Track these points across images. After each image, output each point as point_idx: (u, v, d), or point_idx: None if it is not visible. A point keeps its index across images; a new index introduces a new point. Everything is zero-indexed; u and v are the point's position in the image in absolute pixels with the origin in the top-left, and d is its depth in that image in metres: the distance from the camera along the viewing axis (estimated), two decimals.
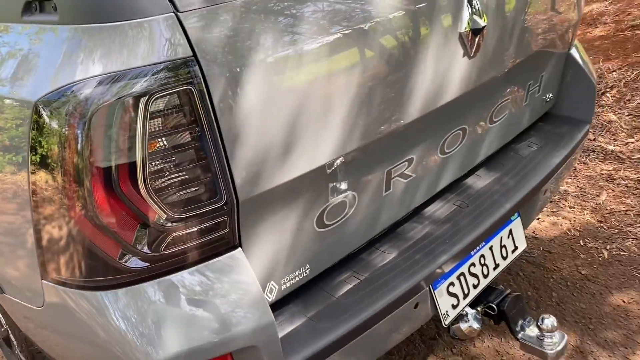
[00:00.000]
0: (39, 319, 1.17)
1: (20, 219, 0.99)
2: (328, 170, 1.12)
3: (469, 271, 1.49)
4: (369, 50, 1.08)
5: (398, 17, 1.12)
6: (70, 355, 1.20)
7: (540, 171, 1.65)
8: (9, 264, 1.11)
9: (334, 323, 1.17)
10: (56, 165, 0.88)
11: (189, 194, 0.93)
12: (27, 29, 0.96)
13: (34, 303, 1.11)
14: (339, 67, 1.04)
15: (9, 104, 0.93)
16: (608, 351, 1.86)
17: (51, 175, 0.89)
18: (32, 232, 0.97)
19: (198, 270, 0.99)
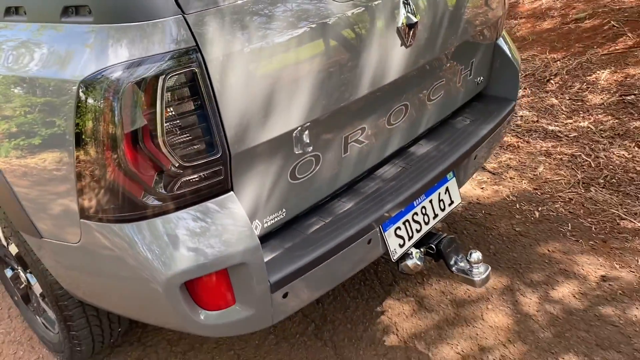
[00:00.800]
0: (73, 256, 1.48)
1: (64, 171, 1.31)
2: (298, 133, 1.46)
3: (412, 219, 1.86)
4: (329, 42, 1.43)
5: (350, 16, 1.47)
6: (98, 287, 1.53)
7: (471, 140, 2.02)
8: (51, 209, 1.43)
9: (305, 252, 1.52)
10: (96, 127, 1.21)
11: (194, 148, 1.26)
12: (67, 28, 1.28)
13: (71, 240, 1.43)
14: (305, 54, 1.38)
15: (58, 83, 1.25)
16: (532, 288, 2.25)
17: (92, 135, 1.22)
18: (74, 180, 1.29)
19: (202, 207, 1.32)
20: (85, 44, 1.23)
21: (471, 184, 3.05)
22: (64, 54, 1.26)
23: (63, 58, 1.25)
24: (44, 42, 1.32)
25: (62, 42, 1.28)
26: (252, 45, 1.28)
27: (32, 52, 1.34)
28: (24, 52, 1.35)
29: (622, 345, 1.95)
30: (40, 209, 1.46)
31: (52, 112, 1.27)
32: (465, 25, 1.91)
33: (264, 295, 1.44)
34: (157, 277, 1.30)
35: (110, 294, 1.54)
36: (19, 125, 1.36)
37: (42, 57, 1.31)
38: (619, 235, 2.53)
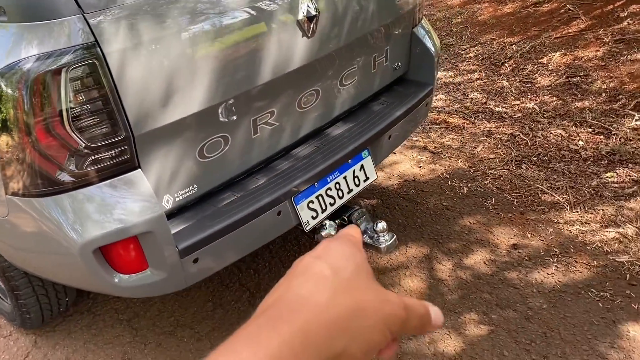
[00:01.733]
0: (4, 229, 1.68)
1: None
2: (202, 116, 1.65)
3: (326, 193, 2.06)
4: (226, 34, 1.61)
5: (249, 10, 1.65)
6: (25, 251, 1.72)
7: (384, 121, 2.21)
8: None
9: (214, 222, 1.72)
10: (12, 114, 1.39)
11: (99, 131, 1.45)
12: None
13: (2, 213, 1.62)
14: (202, 45, 1.56)
15: None
16: (448, 256, 2.46)
17: (9, 120, 1.40)
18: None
19: (110, 183, 1.51)
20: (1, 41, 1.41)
21: (410, 162, 3.25)
22: None
23: None
24: None
25: None
26: (148, 38, 1.46)
27: None
28: None
29: (518, 305, 2.16)
30: None
31: None
32: (373, 16, 2.09)
33: (174, 261, 1.63)
34: (72, 244, 1.50)
35: (40, 263, 1.73)
36: None
37: None
38: (537, 208, 2.74)
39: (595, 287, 2.20)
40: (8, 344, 2.32)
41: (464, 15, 5.86)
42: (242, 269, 2.53)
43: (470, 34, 5.44)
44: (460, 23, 5.74)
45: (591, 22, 4.87)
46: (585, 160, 3.17)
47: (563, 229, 2.56)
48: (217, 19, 1.59)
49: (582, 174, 3.02)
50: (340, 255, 0.42)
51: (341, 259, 0.41)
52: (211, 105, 1.64)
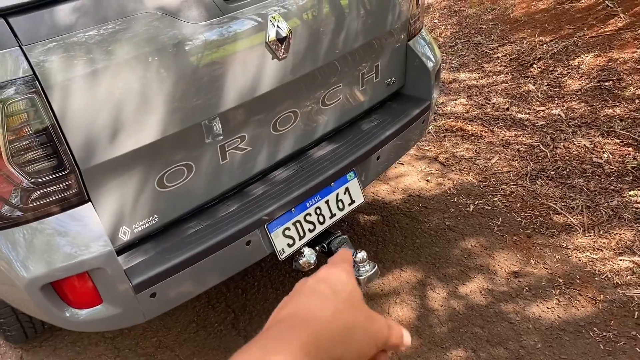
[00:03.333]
0: None
1: None
2: (159, 146, 1.57)
3: (304, 219, 1.96)
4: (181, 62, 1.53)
5: (207, 36, 1.56)
6: None
7: (371, 141, 2.09)
8: None
9: (174, 254, 1.65)
10: None
11: (41, 166, 1.40)
12: None
13: None
14: (152, 75, 1.48)
15: None
16: (443, 283, 2.32)
17: None
18: None
19: (58, 217, 1.46)
20: None
21: (417, 175, 3.10)
22: None
23: None
24: None
25: None
26: (93, 69, 1.39)
27: None
28: None
29: (510, 342, 2.01)
30: None
31: None
32: (357, 33, 1.96)
33: (129, 296, 1.57)
34: (18, 280, 1.46)
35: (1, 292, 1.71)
36: None
37: None
38: (546, 230, 2.55)
39: (598, 325, 2.02)
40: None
41: (496, 11, 5.60)
42: (230, 288, 2.47)
43: (501, 32, 5.19)
44: (491, 20, 5.48)
45: (630, 20, 4.54)
46: (608, 176, 2.95)
47: (571, 255, 2.37)
48: (170, 44, 1.50)
49: (602, 192, 2.80)
50: (338, 281, 0.50)
51: (339, 284, 0.50)
52: (167, 135, 1.56)
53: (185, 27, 1.53)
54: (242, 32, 1.64)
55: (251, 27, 1.65)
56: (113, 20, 1.41)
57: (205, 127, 1.66)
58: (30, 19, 1.33)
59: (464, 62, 4.82)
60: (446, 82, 4.49)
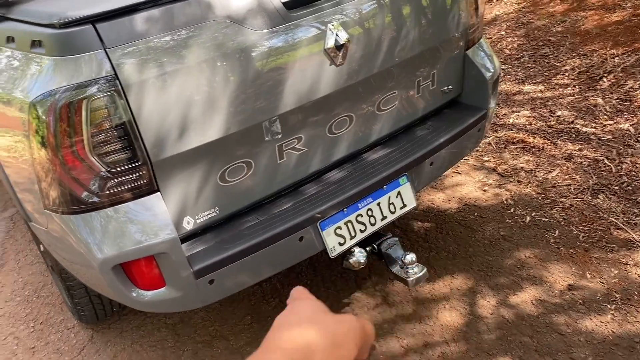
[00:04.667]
0: (46, 238, 1.85)
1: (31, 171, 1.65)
2: (223, 143, 1.70)
3: (356, 220, 2.03)
4: (246, 66, 1.65)
5: (271, 43, 1.68)
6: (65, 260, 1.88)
7: (424, 147, 2.14)
8: (31, 202, 1.79)
9: (232, 245, 1.77)
10: (45, 138, 1.53)
11: (117, 157, 1.55)
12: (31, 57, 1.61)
13: (43, 225, 1.79)
14: (220, 78, 1.61)
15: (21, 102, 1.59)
16: (494, 292, 2.32)
17: (44, 143, 1.54)
18: (36, 179, 1.64)
19: (129, 205, 1.61)
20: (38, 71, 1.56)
21: (474, 185, 3.10)
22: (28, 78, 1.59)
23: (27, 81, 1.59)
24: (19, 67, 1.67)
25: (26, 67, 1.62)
26: (167, 70, 1.53)
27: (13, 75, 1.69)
28: None
29: (559, 354, 1.99)
30: (25, 199, 1.84)
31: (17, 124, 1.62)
32: (415, 41, 2.02)
33: (190, 281, 1.70)
34: (93, 260, 1.62)
35: (77, 271, 1.89)
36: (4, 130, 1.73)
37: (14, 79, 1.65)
38: (605, 245, 2.50)
39: None
40: (69, 336, 2.54)
41: (566, 23, 5.47)
42: (284, 284, 2.57)
43: (570, 45, 5.07)
44: (560, 32, 5.36)
45: None
46: None
47: (630, 272, 2.31)
48: (236, 50, 1.63)
49: None
50: (304, 309, 0.58)
51: (307, 311, 0.57)
52: (231, 133, 1.69)
53: (250, 34, 1.65)
54: (302, 40, 1.74)
55: (311, 35, 1.76)
56: (185, 27, 1.56)
57: (265, 127, 1.78)
58: (114, 25, 1.49)
59: (530, 74, 4.75)
60: (510, 93, 4.45)
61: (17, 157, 1.71)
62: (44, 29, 1.54)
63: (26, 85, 1.58)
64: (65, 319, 2.65)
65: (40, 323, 2.67)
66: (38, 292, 2.89)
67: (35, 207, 1.77)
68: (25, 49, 1.65)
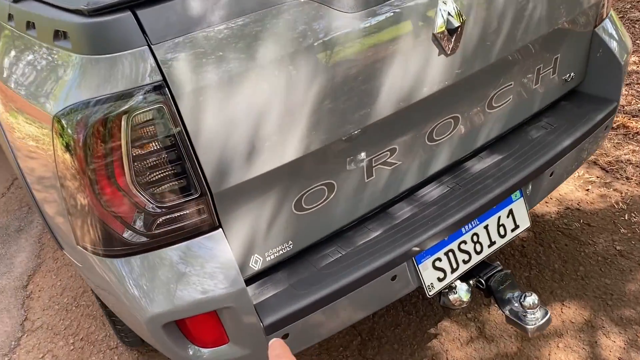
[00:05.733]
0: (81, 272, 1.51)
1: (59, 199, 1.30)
2: (301, 164, 1.30)
3: (459, 248, 1.62)
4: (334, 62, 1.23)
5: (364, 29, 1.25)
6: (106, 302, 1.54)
7: (546, 153, 1.69)
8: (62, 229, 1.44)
9: (310, 290, 1.39)
10: (73, 162, 1.16)
11: (169, 188, 1.17)
12: (56, 54, 1.23)
13: (77, 261, 1.44)
14: (301, 79, 1.20)
15: (35, 113, 1.22)
16: (620, 328, 1.89)
17: (69, 171, 1.18)
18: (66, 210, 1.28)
19: (184, 246, 1.24)
20: (63, 73, 1.17)
21: (574, 183, 2.63)
22: (51, 82, 1.22)
23: (49, 86, 1.21)
24: (40, 65, 1.29)
25: (49, 66, 1.23)
26: (230, 74, 1.13)
27: None
28: None
29: None
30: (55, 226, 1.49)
31: (41, 141, 1.25)
32: (540, 19, 1.55)
33: (258, 337, 1.34)
34: (140, 315, 1.26)
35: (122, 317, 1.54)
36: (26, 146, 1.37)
37: (35, 83, 1.28)
38: None
39: None
40: (112, 357, 2.25)
41: None
42: None
43: None
44: None
45: None
46: None
47: None
48: (322, 41, 1.21)
49: None
50: None
51: None
52: (311, 151, 1.28)
53: (338, 18, 1.22)
54: (405, 23, 1.30)
55: (417, 16, 1.31)
56: (254, 13, 1.14)
57: (355, 139, 1.36)
58: (161, 11, 1.09)
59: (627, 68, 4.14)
60: None
61: (43, 182, 1.35)
62: (69, 16, 1.15)
63: (49, 92, 1.20)
64: (107, 337, 2.35)
65: (80, 339, 2.38)
66: (77, 300, 2.61)
67: (67, 240, 1.42)
68: (48, 40, 1.26)
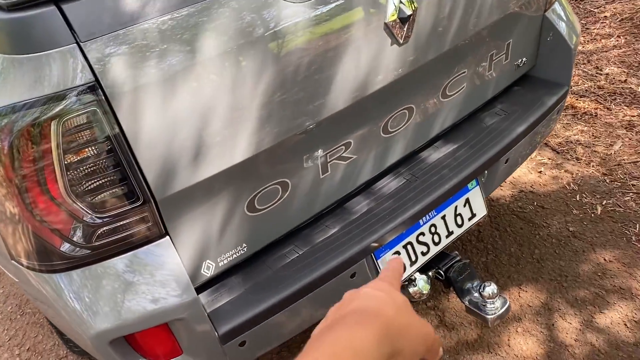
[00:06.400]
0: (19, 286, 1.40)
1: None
2: (251, 164, 1.23)
3: (417, 240, 1.59)
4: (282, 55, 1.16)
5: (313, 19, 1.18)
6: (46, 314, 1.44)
7: (501, 140, 1.67)
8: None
9: (267, 294, 1.33)
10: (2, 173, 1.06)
11: (108, 197, 1.08)
12: None
13: (14, 276, 1.33)
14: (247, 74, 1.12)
15: None
16: (575, 309, 1.92)
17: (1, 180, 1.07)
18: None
19: (129, 257, 1.16)
20: None
21: (527, 165, 2.65)
22: None
23: None
24: None
25: None
26: (172, 72, 1.04)
27: None
28: None
29: None
30: None
31: None
32: (492, 5, 1.52)
33: (213, 347, 1.28)
34: (84, 332, 1.17)
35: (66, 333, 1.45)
36: None
37: None
38: None
39: None
40: None
41: None
42: None
43: None
44: None
45: None
46: None
47: None
48: (268, 33, 1.13)
49: None
50: (390, 290, 0.55)
51: (392, 293, 0.55)
52: (262, 150, 1.21)
53: (285, 7, 1.15)
54: (356, 12, 1.24)
55: (368, 4, 1.25)
56: (197, 3, 1.05)
57: (307, 135, 1.30)
58: (90, 5, 0.99)
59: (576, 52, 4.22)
60: None
61: None
62: None
63: None
64: (56, 345, 2.24)
65: (27, 350, 2.26)
66: (22, 308, 2.47)
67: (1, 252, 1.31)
68: None
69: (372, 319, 0.49)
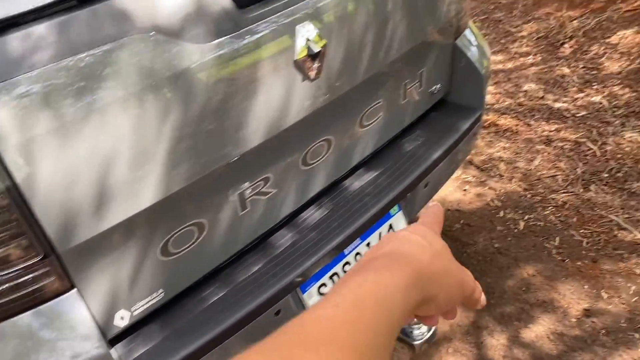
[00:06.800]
0: None
1: None
2: (163, 206, 1.19)
3: (343, 270, 1.59)
4: (188, 97, 1.14)
5: (219, 60, 1.17)
6: None
7: (419, 166, 1.71)
8: None
9: (186, 340, 1.29)
10: None
11: (4, 253, 1.02)
12: None
13: None
14: (151, 118, 1.09)
15: None
16: (502, 326, 1.97)
17: None
18: None
19: (31, 315, 1.09)
20: None
21: (452, 184, 2.73)
22: None
23: None
24: None
25: None
26: (67, 120, 1.00)
27: None
28: None
29: None
30: None
31: None
32: (402, 37, 1.56)
33: None
34: None
35: None
36: None
37: None
38: (613, 252, 2.19)
39: None
40: None
41: None
42: None
43: (523, 7, 4.76)
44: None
45: None
46: None
47: None
48: (171, 75, 1.11)
49: None
50: (430, 235, 0.53)
51: (431, 237, 0.53)
52: (171, 193, 1.18)
53: (190, 51, 1.13)
54: (264, 50, 1.24)
55: (275, 43, 1.26)
56: (89, 50, 1.02)
57: (221, 174, 1.28)
58: None
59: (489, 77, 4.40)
60: None
61: None
62: None
63: None
64: None
65: None
66: None
67: None
68: None
69: (403, 264, 0.48)
